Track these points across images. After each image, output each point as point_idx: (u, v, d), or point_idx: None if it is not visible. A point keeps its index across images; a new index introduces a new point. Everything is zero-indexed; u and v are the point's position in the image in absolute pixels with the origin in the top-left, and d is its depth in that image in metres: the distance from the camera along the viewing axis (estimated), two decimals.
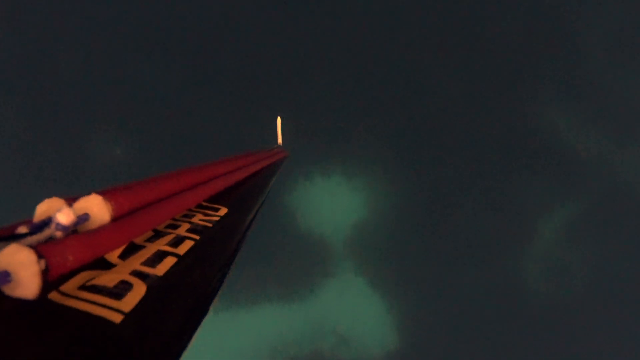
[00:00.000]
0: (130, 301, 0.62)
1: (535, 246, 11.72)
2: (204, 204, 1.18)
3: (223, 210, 1.17)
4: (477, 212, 11.60)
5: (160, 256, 0.79)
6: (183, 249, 0.85)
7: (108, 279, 0.65)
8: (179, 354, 0.65)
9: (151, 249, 0.81)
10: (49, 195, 0.70)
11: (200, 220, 1.05)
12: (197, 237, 0.93)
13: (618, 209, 11.41)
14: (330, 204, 11.57)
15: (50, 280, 0.54)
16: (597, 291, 11.28)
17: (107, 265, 0.70)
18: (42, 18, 10.30)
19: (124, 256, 0.75)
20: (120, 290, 0.64)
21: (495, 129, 11.63)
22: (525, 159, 11.76)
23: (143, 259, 0.76)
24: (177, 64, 10.89)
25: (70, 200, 0.69)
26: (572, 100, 11.73)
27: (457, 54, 11.61)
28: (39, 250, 0.52)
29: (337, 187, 11.61)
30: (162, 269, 0.75)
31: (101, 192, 0.73)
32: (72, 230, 0.65)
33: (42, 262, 0.52)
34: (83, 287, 0.61)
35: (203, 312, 0.77)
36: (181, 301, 0.72)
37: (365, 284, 11.64)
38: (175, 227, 0.96)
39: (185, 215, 1.06)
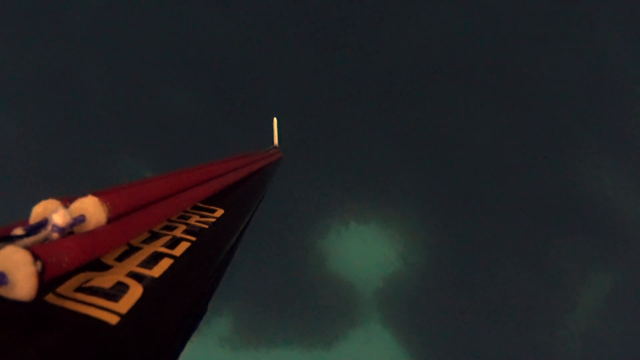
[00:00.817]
0: (126, 303, 0.62)
1: (574, 317, 11.44)
2: (201, 205, 1.19)
3: (219, 212, 1.17)
4: (515, 274, 11.29)
5: (156, 257, 0.79)
6: (179, 250, 0.86)
7: (104, 281, 0.66)
8: (176, 356, 0.67)
9: (147, 250, 0.81)
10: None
11: (197, 221, 1.05)
12: (194, 239, 0.93)
13: None
14: (363, 251, 11.43)
15: (47, 282, 0.54)
16: None
17: (104, 267, 0.71)
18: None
19: (120, 258, 0.76)
20: (117, 291, 0.64)
21: (541, 189, 11.46)
22: (569, 222, 11.52)
23: (139, 261, 0.76)
24: (171, 62, 10.87)
25: (66, 202, 0.70)
26: (622, 163, 11.61)
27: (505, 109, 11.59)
28: (35, 251, 0.52)
29: (371, 235, 11.51)
30: (158, 270, 0.75)
31: (97, 193, 0.73)
32: (69, 232, 0.65)
33: (38, 263, 0.52)
34: (79, 289, 0.62)
35: (200, 313, 0.79)
36: (178, 302, 0.72)
37: (392, 338, 11.45)
38: (172, 228, 0.97)
39: (182, 217, 1.06)
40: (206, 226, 1.04)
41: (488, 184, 11.46)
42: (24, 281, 0.50)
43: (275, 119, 3.99)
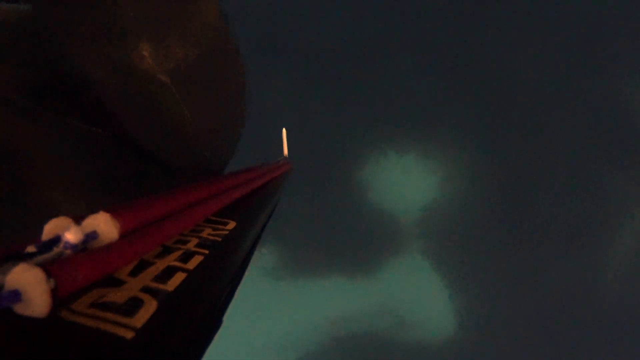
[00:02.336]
0: (141, 317, 0.62)
1: (622, 241, 11.14)
2: (212, 218, 1.20)
3: (231, 224, 1.18)
4: (560, 200, 10.97)
5: (170, 272, 0.80)
6: (193, 263, 0.86)
7: (118, 296, 0.66)
8: None
9: (161, 264, 0.82)
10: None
11: (209, 234, 1.06)
12: (207, 252, 0.93)
13: None
14: (404, 181, 11.10)
15: (60, 299, 0.54)
16: None
17: (117, 283, 0.71)
18: None
19: (134, 273, 0.76)
20: (131, 306, 0.64)
21: (586, 114, 10.90)
22: (618, 148, 11.05)
23: (153, 275, 0.77)
24: None
25: (78, 219, 0.70)
26: None
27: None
28: (48, 269, 0.53)
29: (412, 166, 11.19)
30: (172, 284, 0.75)
31: (109, 210, 0.73)
32: (81, 248, 0.66)
33: (52, 280, 0.52)
34: (93, 305, 0.62)
35: (215, 326, 0.78)
36: (192, 316, 0.72)
37: (432, 268, 11.40)
38: (184, 242, 0.97)
39: (194, 230, 1.07)
40: (219, 239, 1.04)
41: (538, 110, 11.04)
42: (37, 298, 0.51)
43: (284, 130, 3.92)
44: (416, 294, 11.65)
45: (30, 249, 0.60)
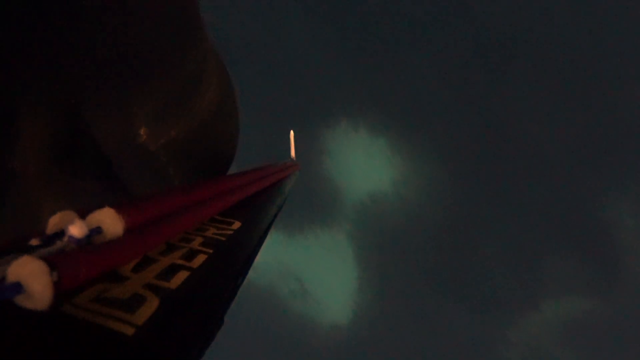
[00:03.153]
0: (143, 314, 0.61)
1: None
2: (218, 217, 1.19)
3: (236, 224, 1.17)
4: (503, 267, 11.09)
5: (173, 269, 0.79)
6: (196, 262, 0.85)
7: (121, 292, 0.65)
8: None
9: (164, 262, 0.81)
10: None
11: (214, 234, 1.05)
12: (211, 251, 0.93)
13: None
14: (363, 162, 11.09)
15: (63, 292, 0.54)
16: None
17: (120, 278, 0.70)
18: None
19: (137, 269, 0.75)
20: (133, 303, 0.64)
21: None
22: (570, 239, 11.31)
23: (156, 272, 0.76)
24: None
25: (84, 213, 0.69)
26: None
27: None
28: (51, 262, 0.52)
29: (377, 150, 11.01)
30: (175, 282, 0.75)
31: (114, 206, 0.72)
32: (85, 243, 0.65)
33: (54, 274, 0.52)
34: (96, 300, 0.61)
35: (216, 325, 0.76)
36: (194, 314, 0.71)
37: (354, 255, 11.58)
38: (189, 240, 0.97)
39: (199, 229, 1.06)
40: (223, 238, 1.03)
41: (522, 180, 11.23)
42: (39, 291, 0.50)
43: (292, 132, 3.95)
44: (327, 271, 11.80)
45: (35, 241, 0.59)
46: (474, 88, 11.08)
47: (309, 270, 11.85)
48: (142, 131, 1.41)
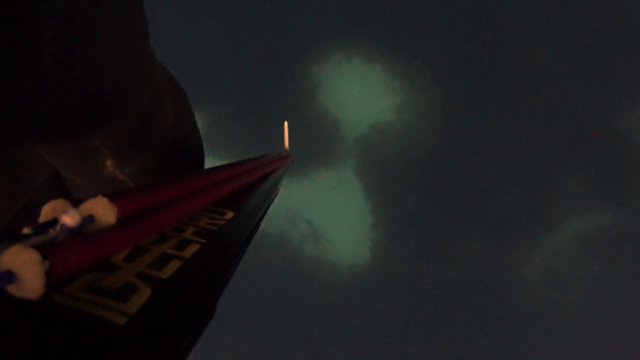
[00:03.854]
0: (134, 303, 0.61)
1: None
2: (211, 207, 1.18)
3: (229, 215, 1.16)
4: (507, 184, 10.64)
5: (165, 259, 0.78)
6: (188, 252, 0.84)
7: (112, 281, 0.65)
8: (183, 357, 0.66)
9: (156, 251, 0.80)
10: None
11: (206, 224, 1.04)
12: (203, 241, 0.91)
13: None
14: (360, 92, 10.58)
15: (54, 281, 0.54)
16: None
17: (112, 268, 0.69)
18: None
19: (129, 258, 0.74)
20: (125, 292, 0.63)
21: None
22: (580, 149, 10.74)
23: (148, 262, 0.75)
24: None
25: (76, 202, 0.68)
26: None
27: None
28: (43, 251, 0.51)
29: (373, 78, 10.46)
30: (167, 272, 0.73)
31: (107, 194, 0.72)
32: (77, 232, 0.64)
33: (46, 262, 0.51)
34: (87, 289, 0.61)
35: (208, 316, 0.77)
36: (186, 304, 0.70)
37: (363, 191, 11.13)
38: (181, 230, 0.95)
39: (191, 219, 1.05)
40: (215, 228, 1.02)
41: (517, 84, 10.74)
42: (31, 280, 0.49)
43: (285, 123, 3.94)
44: (337, 210, 11.67)
45: (27, 230, 0.58)
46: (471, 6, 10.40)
47: (318, 212, 11.69)
48: (108, 163, 1.41)
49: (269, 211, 1.58)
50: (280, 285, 12.14)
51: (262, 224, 1.42)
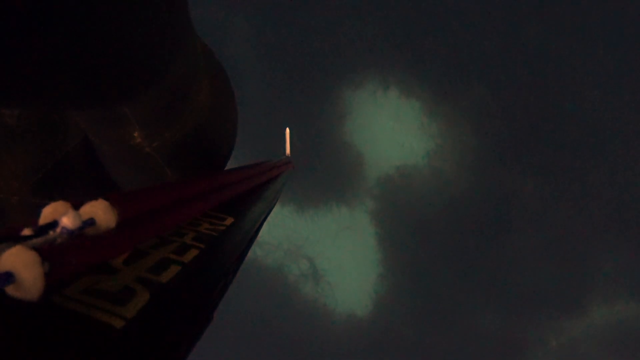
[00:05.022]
0: (133, 307, 0.61)
1: None
2: (211, 213, 1.18)
3: (229, 220, 1.16)
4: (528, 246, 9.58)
5: (164, 263, 0.78)
6: (188, 257, 0.84)
7: (111, 285, 0.65)
8: None
9: (156, 255, 0.80)
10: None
11: (206, 229, 1.04)
12: (203, 246, 0.92)
13: None
14: (392, 127, 9.73)
15: (54, 283, 0.54)
16: None
17: (111, 271, 0.70)
18: None
19: (128, 262, 0.75)
20: (124, 296, 0.63)
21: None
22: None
23: (147, 266, 0.75)
24: None
25: (77, 204, 0.69)
26: None
27: None
28: (43, 252, 0.52)
29: (409, 114, 9.62)
30: (166, 276, 0.74)
31: (107, 198, 0.72)
32: (78, 235, 0.65)
33: (46, 264, 0.52)
34: (86, 291, 0.61)
35: (206, 321, 0.76)
36: (184, 310, 0.70)
37: (374, 232, 10.27)
38: (181, 234, 0.96)
39: (191, 224, 1.05)
40: (216, 234, 1.03)
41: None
42: (30, 281, 0.50)
43: (287, 129, 3.95)
44: (344, 254, 10.77)
45: (27, 231, 0.59)
46: (533, 44, 9.41)
47: (323, 252, 10.94)
48: (135, 134, 1.37)
49: (269, 219, 1.54)
50: (269, 322, 11.30)
51: (261, 231, 1.40)
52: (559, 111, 9.48)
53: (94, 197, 0.70)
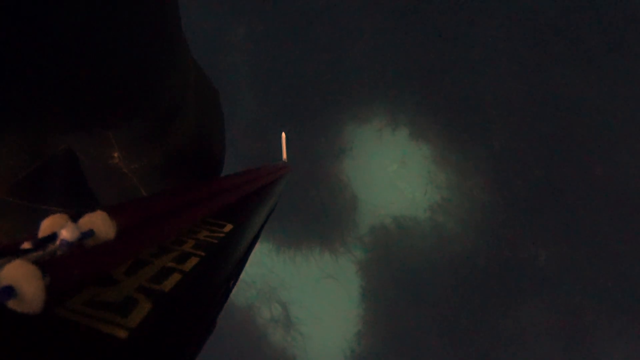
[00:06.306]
0: (135, 317, 0.61)
1: None
2: (210, 220, 1.17)
3: (228, 227, 1.14)
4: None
5: (165, 272, 0.78)
6: (188, 265, 0.84)
7: (113, 295, 0.65)
8: None
9: (157, 265, 0.80)
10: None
11: (206, 236, 1.03)
12: (203, 254, 0.91)
13: None
14: (396, 171, 8.76)
15: (55, 296, 0.54)
16: None
17: (113, 282, 0.69)
18: None
19: (129, 272, 0.74)
20: (126, 306, 0.63)
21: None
22: None
23: (148, 275, 0.75)
24: None
25: (75, 216, 0.69)
26: None
27: None
28: (43, 265, 0.52)
29: (417, 160, 8.64)
30: (167, 285, 0.73)
31: (106, 208, 0.72)
32: (77, 246, 0.65)
33: (47, 277, 0.52)
34: (88, 303, 0.61)
35: (209, 328, 0.76)
36: (187, 318, 0.70)
37: (361, 290, 9.29)
38: (181, 243, 0.95)
39: (191, 231, 1.04)
40: (215, 241, 1.02)
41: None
42: (32, 295, 0.50)
43: (283, 134, 3.94)
44: (321, 304, 9.64)
45: (26, 245, 0.59)
46: (564, 94, 8.37)
47: (298, 298, 9.95)
48: (115, 154, 1.36)
49: (267, 224, 1.54)
50: None
51: (261, 236, 1.35)
52: (586, 175, 8.37)
53: (92, 209, 0.70)
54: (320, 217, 9.00)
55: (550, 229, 8.51)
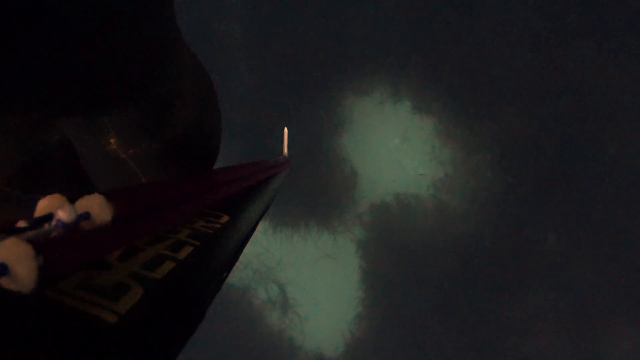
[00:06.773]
0: (126, 303, 0.61)
1: None
2: (207, 210, 1.18)
3: (225, 218, 1.16)
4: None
5: (159, 260, 0.78)
6: (182, 254, 0.84)
7: (105, 280, 0.65)
8: (172, 358, 0.65)
9: (150, 252, 0.80)
10: None
11: (202, 226, 1.03)
12: (197, 243, 0.91)
13: None
14: (397, 145, 8.35)
15: (48, 277, 0.54)
16: None
17: (106, 266, 0.70)
18: None
19: (122, 258, 0.74)
20: (117, 291, 0.63)
21: None
22: None
23: (142, 262, 0.75)
24: None
25: (73, 198, 0.69)
26: None
27: None
28: (38, 245, 0.52)
29: (422, 133, 8.19)
30: (160, 272, 0.73)
31: (104, 192, 0.73)
32: (73, 229, 0.65)
33: (40, 257, 0.52)
34: (79, 286, 0.61)
35: (198, 318, 0.77)
36: (177, 306, 0.71)
37: (361, 271, 8.92)
38: (176, 231, 0.95)
39: (187, 221, 1.05)
40: (211, 232, 1.03)
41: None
42: (24, 274, 0.50)
43: (285, 129, 3.95)
44: (320, 286, 9.36)
45: (22, 223, 0.59)
46: (580, 68, 7.88)
47: (296, 279, 9.32)
48: (112, 140, 1.37)
49: (264, 217, 1.56)
50: (225, 350, 9.79)
51: (257, 230, 1.32)
52: (600, 153, 7.91)
53: (90, 192, 0.70)
54: (318, 194, 8.64)
55: (560, 211, 8.07)
